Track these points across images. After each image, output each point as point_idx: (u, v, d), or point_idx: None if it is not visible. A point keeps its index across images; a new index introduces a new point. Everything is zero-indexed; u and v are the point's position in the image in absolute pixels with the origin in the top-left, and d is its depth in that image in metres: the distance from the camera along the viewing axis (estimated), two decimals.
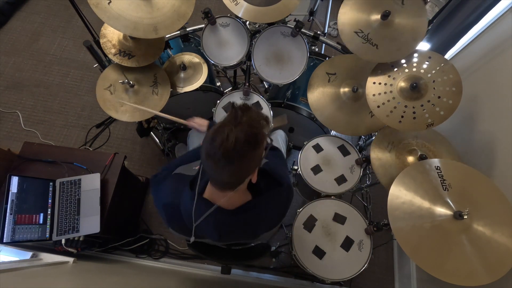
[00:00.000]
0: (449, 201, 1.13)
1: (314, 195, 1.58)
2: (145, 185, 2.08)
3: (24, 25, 2.65)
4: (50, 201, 1.41)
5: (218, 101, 1.65)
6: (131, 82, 1.47)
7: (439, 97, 1.28)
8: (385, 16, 1.29)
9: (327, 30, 2.54)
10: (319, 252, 1.35)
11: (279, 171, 0.94)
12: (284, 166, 1.09)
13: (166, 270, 1.84)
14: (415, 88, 1.29)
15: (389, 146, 1.43)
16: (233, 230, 0.84)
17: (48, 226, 1.36)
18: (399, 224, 1.12)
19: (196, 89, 1.65)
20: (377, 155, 1.41)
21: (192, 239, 0.83)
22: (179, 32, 1.69)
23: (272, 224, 0.92)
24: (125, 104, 1.45)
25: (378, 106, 1.33)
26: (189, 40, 1.77)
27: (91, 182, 1.48)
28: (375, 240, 1.39)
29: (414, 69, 1.34)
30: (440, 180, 1.18)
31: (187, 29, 1.71)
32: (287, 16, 1.56)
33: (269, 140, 0.76)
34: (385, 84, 1.36)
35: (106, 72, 1.52)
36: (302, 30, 1.59)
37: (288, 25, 1.63)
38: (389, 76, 1.36)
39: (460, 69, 1.30)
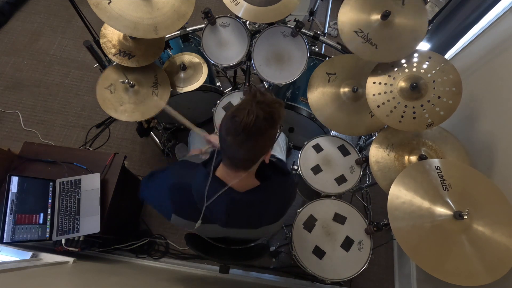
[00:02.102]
0: (449, 201, 1.13)
1: (314, 195, 1.58)
2: None
3: (24, 25, 2.65)
4: (50, 201, 1.41)
5: (218, 101, 1.65)
6: (131, 82, 1.47)
7: (439, 97, 1.28)
8: (385, 16, 1.29)
9: (327, 30, 2.53)
10: (319, 252, 1.35)
11: (285, 166, 0.97)
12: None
13: (166, 270, 1.84)
14: (415, 88, 1.29)
15: (388, 149, 1.42)
16: (241, 213, 0.85)
17: (48, 226, 1.36)
18: (399, 224, 1.12)
19: (196, 89, 1.65)
20: (376, 158, 1.41)
21: (199, 223, 0.83)
22: (179, 32, 1.69)
23: (275, 215, 0.93)
24: (169, 111, 1.32)
25: (378, 106, 1.33)
26: (189, 40, 1.77)
27: (91, 182, 1.48)
28: (375, 240, 1.39)
29: (414, 69, 1.34)
30: (440, 180, 1.18)
31: (187, 29, 1.71)
32: (287, 16, 1.56)
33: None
34: (385, 84, 1.36)
35: (107, 72, 1.52)
36: (302, 30, 1.59)
37: (288, 25, 1.63)
38: (389, 76, 1.36)
39: (460, 69, 1.30)
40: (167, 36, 1.65)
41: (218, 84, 1.97)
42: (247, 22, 1.66)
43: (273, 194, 0.88)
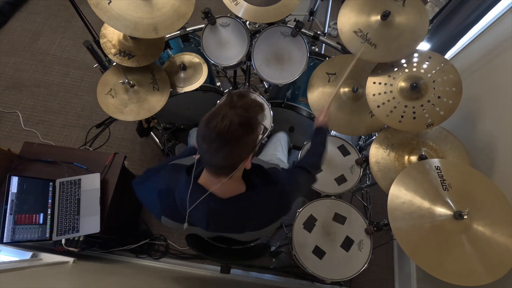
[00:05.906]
0: (449, 201, 1.13)
1: (314, 195, 1.58)
2: None
3: (24, 25, 2.65)
4: (50, 201, 1.41)
5: (218, 101, 1.65)
6: (131, 82, 1.47)
7: (439, 97, 1.28)
8: (385, 16, 1.29)
9: (327, 30, 2.53)
10: (319, 252, 1.35)
11: (277, 174, 0.93)
12: (297, 185, 1.02)
13: (166, 270, 1.84)
14: (415, 88, 1.29)
15: (388, 149, 1.42)
16: (221, 219, 0.84)
17: (48, 226, 1.36)
18: (399, 224, 1.12)
19: (196, 89, 1.65)
20: (376, 158, 1.41)
21: (185, 225, 0.83)
22: (179, 32, 1.69)
23: (260, 223, 0.91)
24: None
25: (378, 106, 1.33)
26: (189, 40, 1.77)
27: (91, 182, 1.48)
28: (375, 240, 1.40)
29: (414, 69, 1.34)
30: (440, 180, 1.18)
31: (187, 29, 1.71)
32: (287, 16, 1.56)
33: (264, 127, 0.77)
34: (385, 84, 1.36)
35: (104, 77, 1.51)
36: (302, 30, 1.59)
37: (288, 25, 1.63)
38: (389, 76, 1.36)
39: (460, 69, 1.30)
40: (167, 36, 1.65)
41: (218, 84, 1.97)
42: (247, 22, 1.66)
43: (259, 203, 0.85)
